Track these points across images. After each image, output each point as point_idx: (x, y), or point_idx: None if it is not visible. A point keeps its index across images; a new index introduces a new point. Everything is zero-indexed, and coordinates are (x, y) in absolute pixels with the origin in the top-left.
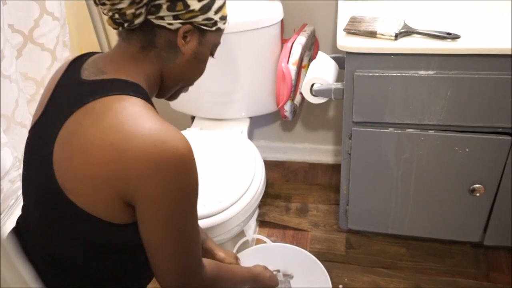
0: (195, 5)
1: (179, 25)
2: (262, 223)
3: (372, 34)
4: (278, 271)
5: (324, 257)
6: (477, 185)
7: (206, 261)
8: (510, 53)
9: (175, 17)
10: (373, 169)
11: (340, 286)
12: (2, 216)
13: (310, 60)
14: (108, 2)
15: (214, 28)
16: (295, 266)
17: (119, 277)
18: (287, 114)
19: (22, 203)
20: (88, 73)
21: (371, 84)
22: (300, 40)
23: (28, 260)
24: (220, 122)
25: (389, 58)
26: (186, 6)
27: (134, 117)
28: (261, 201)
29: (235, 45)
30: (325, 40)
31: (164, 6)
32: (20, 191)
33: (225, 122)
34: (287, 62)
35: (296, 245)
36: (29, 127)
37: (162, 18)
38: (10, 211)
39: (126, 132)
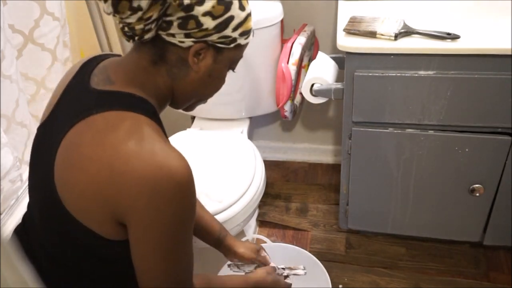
0: (209, 23)
1: (191, 43)
2: (262, 223)
3: (372, 34)
4: (284, 268)
5: (324, 257)
6: (477, 185)
7: (196, 278)
8: (510, 53)
9: (187, 35)
10: (373, 169)
11: (340, 286)
12: (2, 216)
13: (310, 60)
14: (117, 15)
15: (232, 45)
16: None
17: (118, 281)
18: (287, 114)
19: (22, 203)
20: (97, 80)
21: (371, 84)
22: (300, 40)
23: (32, 256)
24: (220, 122)
25: (389, 58)
26: (199, 24)
27: (135, 137)
28: (261, 201)
29: None
30: (325, 40)
31: (175, 24)
32: (20, 191)
33: (225, 122)
34: (287, 62)
35: (296, 245)
36: (29, 127)
37: (173, 35)
38: (10, 211)
39: (124, 153)
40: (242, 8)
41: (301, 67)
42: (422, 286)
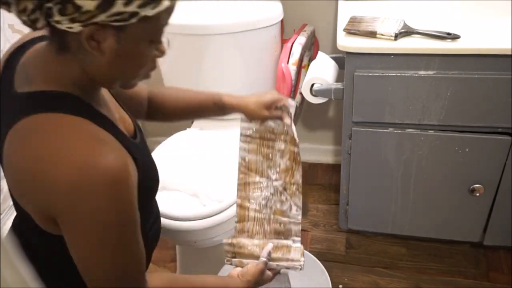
0: (88, 5)
1: (80, 28)
2: None
3: (372, 34)
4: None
5: (324, 257)
6: (477, 185)
7: (154, 278)
8: (510, 53)
9: (71, 20)
10: (373, 169)
11: (340, 286)
12: (2, 216)
13: (310, 60)
14: (2, 6)
15: (134, 20)
16: None
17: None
18: None
19: None
20: (19, 80)
21: (371, 84)
22: (300, 40)
23: (28, 250)
24: (220, 122)
25: (389, 58)
26: (77, 7)
27: (51, 142)
28: None
29: (235, 45)
30: (325, 40)
31: (55, 10)
32: None
33: (225, 122)
34: (287, 62)
35: None
36: None
37: (59, 22)
38: (10, 211)
39: (41, 162)
40: None
41: (301, 67)
42: (422, 286)
